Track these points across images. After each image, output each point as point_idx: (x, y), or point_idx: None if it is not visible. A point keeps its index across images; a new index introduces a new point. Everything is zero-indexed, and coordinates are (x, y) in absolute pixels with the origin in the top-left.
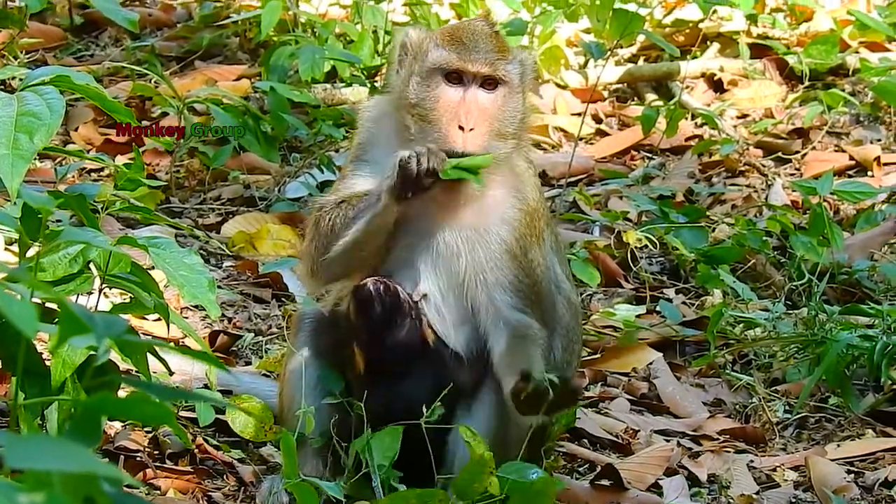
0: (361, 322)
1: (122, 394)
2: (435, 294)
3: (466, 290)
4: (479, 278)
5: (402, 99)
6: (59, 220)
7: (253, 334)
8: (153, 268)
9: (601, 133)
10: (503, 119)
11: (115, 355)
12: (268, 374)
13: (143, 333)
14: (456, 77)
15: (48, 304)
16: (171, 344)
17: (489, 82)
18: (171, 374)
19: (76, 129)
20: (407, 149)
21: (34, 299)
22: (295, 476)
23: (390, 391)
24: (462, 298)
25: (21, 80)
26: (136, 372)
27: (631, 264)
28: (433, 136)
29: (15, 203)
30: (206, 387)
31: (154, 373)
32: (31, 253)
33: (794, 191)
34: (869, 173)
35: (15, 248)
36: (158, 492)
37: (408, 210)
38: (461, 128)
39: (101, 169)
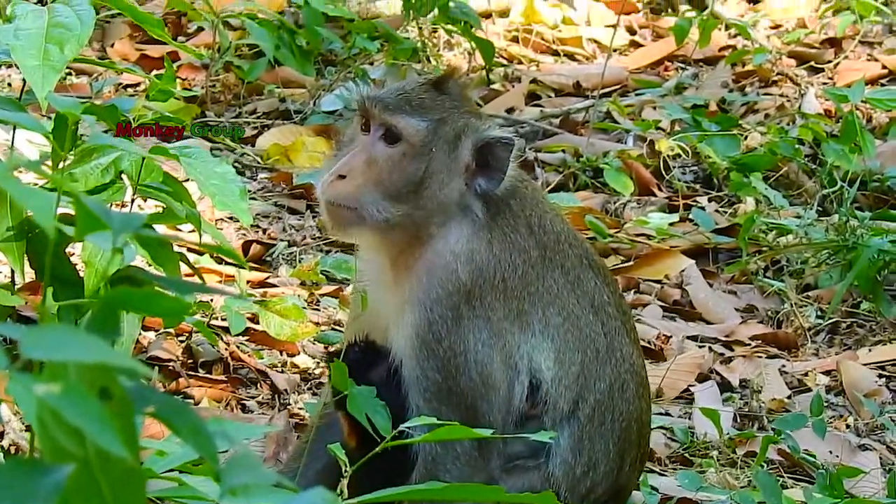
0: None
1: None
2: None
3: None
4: (401, 370)
5: None
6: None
7: (286, 244)
8: (186, 180)
9: (635, 44)
10: (391, 180)
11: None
12: (302, 282)
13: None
14: (366, 122)
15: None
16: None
17: (389, 135)
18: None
19: (112, 45)
20: None
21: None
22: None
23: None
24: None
25: None
26: None
27: (664, 173)
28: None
29: (45, 115)
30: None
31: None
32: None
33: (826, 100)
34: None
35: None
36: (192, 401)
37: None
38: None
39: (138, 84)
